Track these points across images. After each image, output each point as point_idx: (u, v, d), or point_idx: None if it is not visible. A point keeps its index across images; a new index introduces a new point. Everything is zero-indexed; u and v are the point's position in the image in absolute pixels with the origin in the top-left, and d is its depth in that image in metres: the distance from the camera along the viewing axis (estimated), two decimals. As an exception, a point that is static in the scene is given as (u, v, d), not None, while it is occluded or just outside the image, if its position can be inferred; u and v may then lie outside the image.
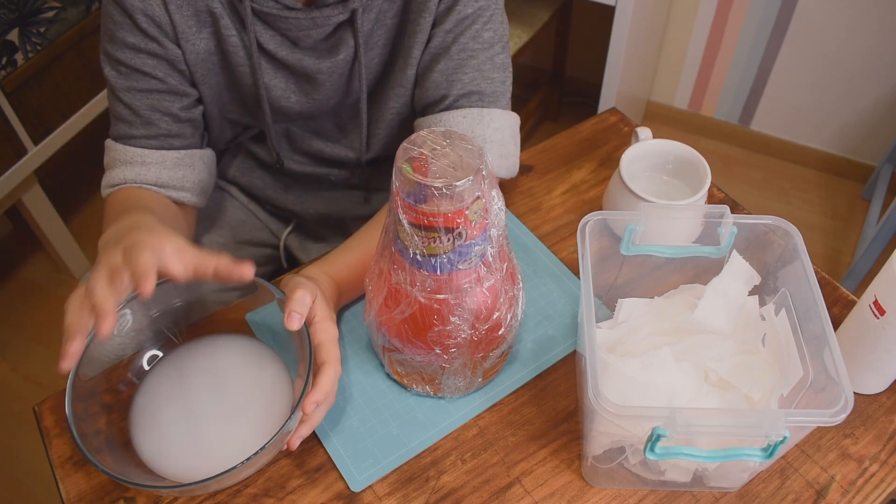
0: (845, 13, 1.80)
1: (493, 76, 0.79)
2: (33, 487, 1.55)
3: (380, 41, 0.80)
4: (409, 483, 0.65)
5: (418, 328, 0.62)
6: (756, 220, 0.65)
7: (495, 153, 0.79)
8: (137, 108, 0.76)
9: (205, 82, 0.80)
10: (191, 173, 0.80)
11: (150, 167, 0.77)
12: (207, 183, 0.84)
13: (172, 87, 0.77)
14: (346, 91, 0.84)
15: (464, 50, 0.78)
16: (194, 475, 0.58)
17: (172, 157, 0.78)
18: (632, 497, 0.64)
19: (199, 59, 0.77)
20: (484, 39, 0.78)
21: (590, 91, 2.21)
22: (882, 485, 0.65)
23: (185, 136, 0.80)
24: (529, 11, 1.88)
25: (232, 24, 0.76)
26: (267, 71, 0.80)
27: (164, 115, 0.77)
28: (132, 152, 0.77)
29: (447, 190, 0.53)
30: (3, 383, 1.72)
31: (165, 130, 0.78)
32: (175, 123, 0.78)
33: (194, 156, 0.81)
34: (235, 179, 0.98)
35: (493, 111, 0.79)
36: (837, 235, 1.96)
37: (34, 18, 1.56)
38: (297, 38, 0.77)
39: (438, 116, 0.79)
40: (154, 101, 0.76)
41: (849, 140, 2.04)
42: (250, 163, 0.97)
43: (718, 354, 0.64)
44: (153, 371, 0.68)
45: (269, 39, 0.77)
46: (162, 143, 0.78)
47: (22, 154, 1.61)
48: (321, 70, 0.79)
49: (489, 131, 0.78)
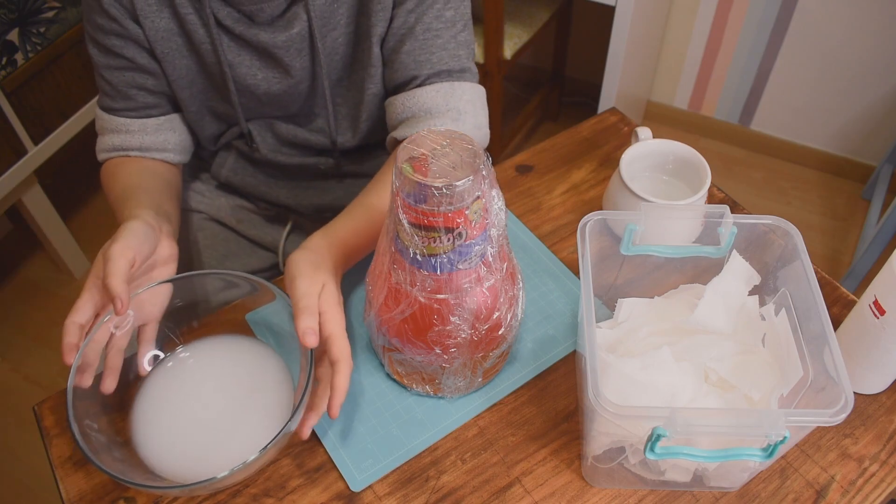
0: (845, 13, 1.80)
1: (459, 53, 0.82)
2: (33, 487, 1.55)
3: (342, 20, 0.82)
4: (409, 483, 0.66)
5: (418, 328, 0.62)
6: (756, 220, 0.65)
7: (469, 124, 0.82)
8: (116, 84, 0.82)
9: (168, 61, 0.82)
10: (172, 136, 0.87)
11: (133, 134, 0.84)
12: (188, 142, 0.91)
13: (142, 65, 0.82)
14: (312, 72, 0.86)
15: (428, 30, 0.80)
16: (195, 475, 0.58)
17: (153, 124, 0.85)
18: (632, 497, 0.64)
19: (160, 36, 0.80)
20: (447, 18, 0.81)
21: (590, 91, 2.21)
22: (882, 485, 0.65)
23: (161, 106, 0.86)
24: (529, 11, 1.88)
25: (188, 2, 0.78)
26: (230, 49, 0.82)
27: (140, 90, 0.83)
28: (117, 121, 0.84)
29: (447, 190, 0.53)
30: (3, 383, 1.72)
31: (142, 103, 0.84)
32: (151, 96, 0.84)
33: (174, 119, 0.88)
34: (229, 180, 0.99)
35: (463, 84, 0.82)
36: (837, 235, 1.96)
37: (34, 18, 1.56)
38: (252, 12, 0.79)
39: (412, 93, 0.81)
40: (129, 79, 0.82)
41: (849, 140, 2.04)
42: (242, 162, 0.98)
43: (718, 354, 0.64)
44: (154, 371, 0.68)
45: (227, 15, 0.79)
46: (141, 113, 0.85)
47: (22, 154, 1.61)
48: (277, 44, 0.81)
49: (462, 103, 0.81)
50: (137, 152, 0.85)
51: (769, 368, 0.63)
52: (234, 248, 1.01)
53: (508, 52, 1.79)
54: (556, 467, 0.66)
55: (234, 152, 0.98)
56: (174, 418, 0.65)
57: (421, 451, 0.67)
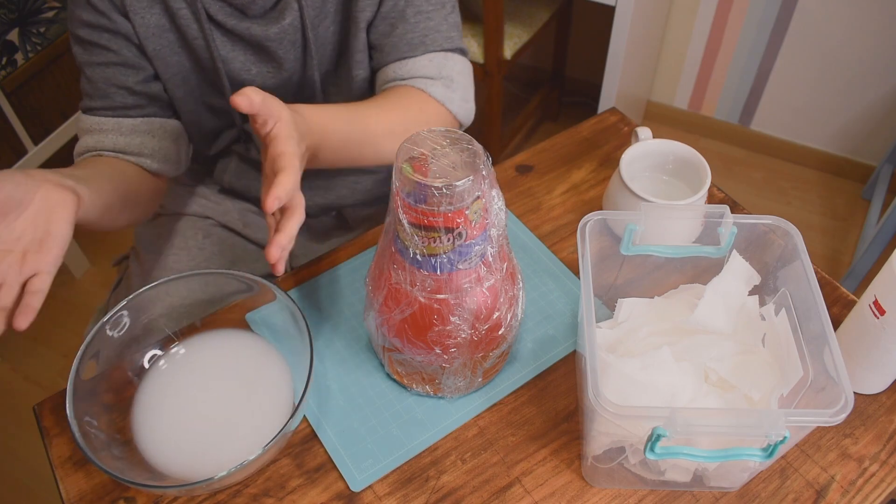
0: (845, 13, 1.80)
1: (452, 35, 0.84)
2: (33, 487, 1.55)
3: (331, 9, 0.82)
4: (409, 483, 0.66)
5: (418, 328, 0.62)
6: (756, 220, 0.65)
7: (459, 96, 0.83)
8: (95, 82, 0.80)
9: (160, 59, 0.81)
10: (149, 140, 0.83)
11: (106, 134, 0.81)
12: (171, 151, 0.86)
13: (127, 59, 0.79)
14: (304, 63, 0.85)
15: (419, 13, 0.81)
16: (196, 473, 0.58)
17: (128, 125, 0.82)
18: (632, 497, 0.64)
19: (150, 32, 0.79)
20: (436, 0, 0.82)
21: (590, 91, 2.21)
22: (882, 485, 0.65)
23: (141, 107, 0.83)
24: (529, 11, 1.88)
25: None
26: (223, 44, 0.81)
27: (119, 88, 0.80)
28: (91, 121, 0.81)
29: (447, 190, 0.53)
30: (3, 383, 1.72)
31: (120, 102, 0.81)
32: (130, 96, 0.81)
33: (153, 123, 0.83)
34: (232, 185, 0.99)
35: (455, 55, 0.84)
36: (837, 235, 1.96)
37: (34, 18, 1.56)
38: (244, 5, 0.78)
39: (404, 63, 0.82)
40: (109, 75, 0.80)
41: (849, 140, 2.04)
42: (243, 166, 0.98)
43: (718, 354, 0.64)
44: (153, 369, 0.68)
45: (219, 10, 0.78)
46: (117, 113, 0.82)
47: (22, 154, 1.61)
48: (270, 37, 0.80)
49: (454, 73, 0.83)
50: (111, 153, 0.81)
51: (769, 368, 0.63)
52: (240, 253, 1.01)
53: (508, 52, 1.79)
54: (556, 467, 0.66)
55: (235, 157, 0.97)
56: (174, 416, 0.65)
57: (421, 451, 0.67)
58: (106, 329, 0.65)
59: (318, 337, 0.76)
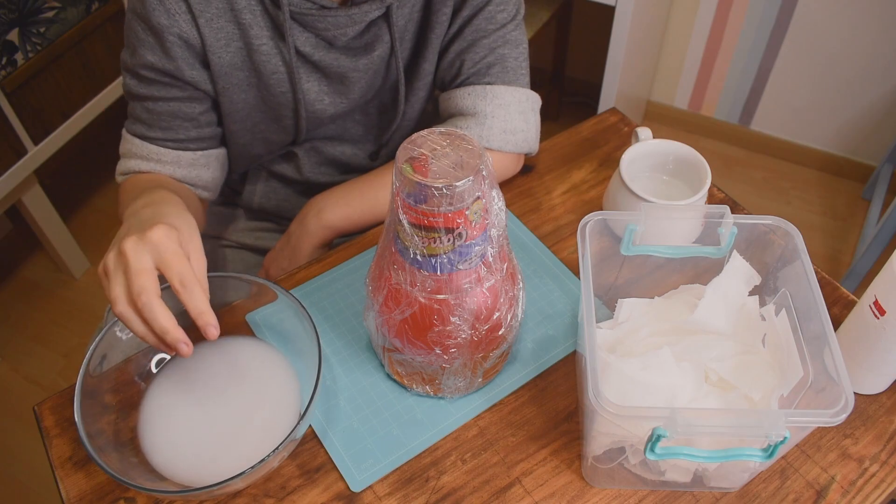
0: (845, 13, 1.80)
1: (505, 52, 0.83)
2: (33, 487, 1.55)
3: (409, 35, 0.82)
4: (409, 483, 0.65)
5: (418, 328, 0.62)
6: (756, 220, 0.65)
7: (497, 128, 0.82)
8: (158, 113, 0.77)
9: (226, 95, 0.79)
10: (205, 172, 0.82)
11: (165, 165, 0.79)
12: (219, 180, 0.86)
13: (193, 94, 0.77)
14: (377, 88, 0.85)
15: (477, 31, 0.81)
16: (201, 476, 0.58)
17: (188, 158, 0.80)
18: (632, 497, 0.64)
19: (223, 71, 0.77)
20: (497, 21, 0.81)
21: (590, 91, 2.20)
22: (882, 485, 0.65)
23: (203, 140, 0.81)
24: (529, 11, 1.88)
25: (264, 32, 0.75)
26: (303, 76, 0.80)
27: (185, 120, 0.78)
28: (149, 149, 0.79)
29: (447, 190, 0.53)
30: (3, 383, 1.72)
31: (184, 136, 0.79)
32: (194, 129, 0.79)
33: (210, 156, 0.83)
34: (263, 206, 0.97)
35: (497, 88, 0.82)
36: (837, 235, 1.96)
37: (34, 18, 1.56)
38: (333, 37, 0.77)
39: (447, 94, 0.83)
40: (174, 108, 0.77)
41: (849, 140, 2.04)
42: (274, 183, 0.96)
43: (718, 355, 0.64)
44: (162, 373, 0.68)
45: (305, 42, 0.77)
46: (179, 145, 0.79)
47: (22, 154, 1.61)
48: (357, 68, 0.80)
49: (491, 107, 0.82)
50: None
51: (769, 369, 0.63)
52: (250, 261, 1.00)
53: (508, 52, 1.79)
54: (557, 467, 0.66)
55: (263, 176, 0.95)
56: (180, 420, 0.65)
57: (421, 452, 0.67)
58: (115, 331, 0.65)
59: (318, 337, 0.76)
